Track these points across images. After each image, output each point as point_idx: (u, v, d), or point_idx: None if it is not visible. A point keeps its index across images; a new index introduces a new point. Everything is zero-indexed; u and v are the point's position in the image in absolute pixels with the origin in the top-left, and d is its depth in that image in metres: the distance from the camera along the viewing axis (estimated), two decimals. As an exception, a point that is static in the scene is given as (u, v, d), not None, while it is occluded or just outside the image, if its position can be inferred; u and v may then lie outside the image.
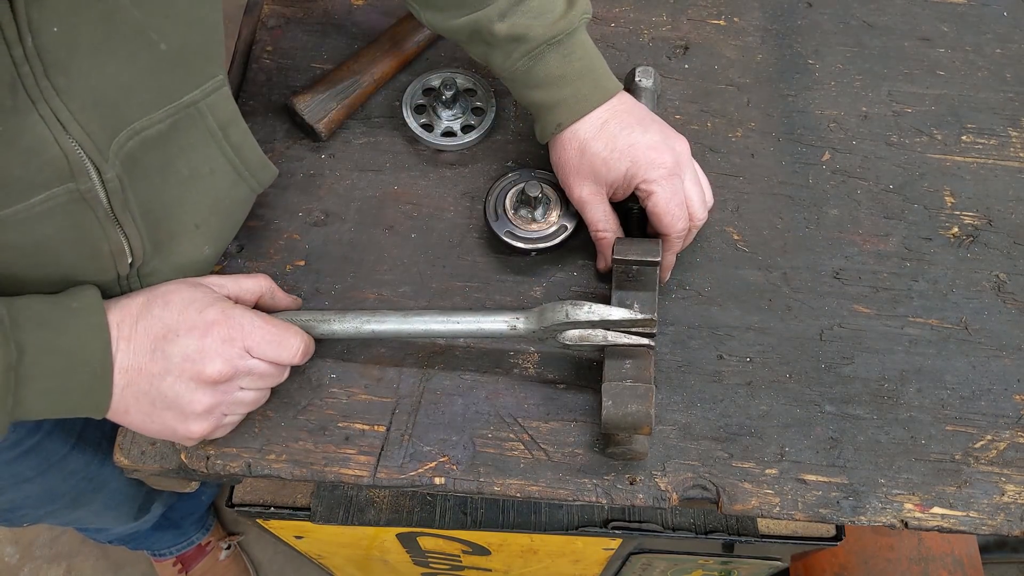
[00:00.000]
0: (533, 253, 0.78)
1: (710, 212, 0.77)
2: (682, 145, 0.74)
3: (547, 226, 0.78)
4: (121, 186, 0.61)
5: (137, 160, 0.61)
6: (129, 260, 0.65)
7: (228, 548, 1.69)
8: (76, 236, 0.61)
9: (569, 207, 0.78)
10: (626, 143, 0.72)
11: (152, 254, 0.67)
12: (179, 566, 1.65)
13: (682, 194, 0.73)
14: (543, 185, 0.78)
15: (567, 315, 0.68)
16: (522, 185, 0.78)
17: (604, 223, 0.76)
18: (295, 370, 0.74)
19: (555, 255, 0.80)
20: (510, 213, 0.78)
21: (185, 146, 0.65)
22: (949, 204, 0.85)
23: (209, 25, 0.63)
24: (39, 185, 0.56)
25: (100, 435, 1.02)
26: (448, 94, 0.84)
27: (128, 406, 0.62)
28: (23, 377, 0.57)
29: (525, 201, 0.77)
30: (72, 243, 0.61)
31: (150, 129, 0.61)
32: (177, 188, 0.66)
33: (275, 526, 0.95)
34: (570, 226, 0.78)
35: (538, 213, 0.77)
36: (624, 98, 0.75)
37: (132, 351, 0.61)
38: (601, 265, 0.79)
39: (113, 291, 0.68)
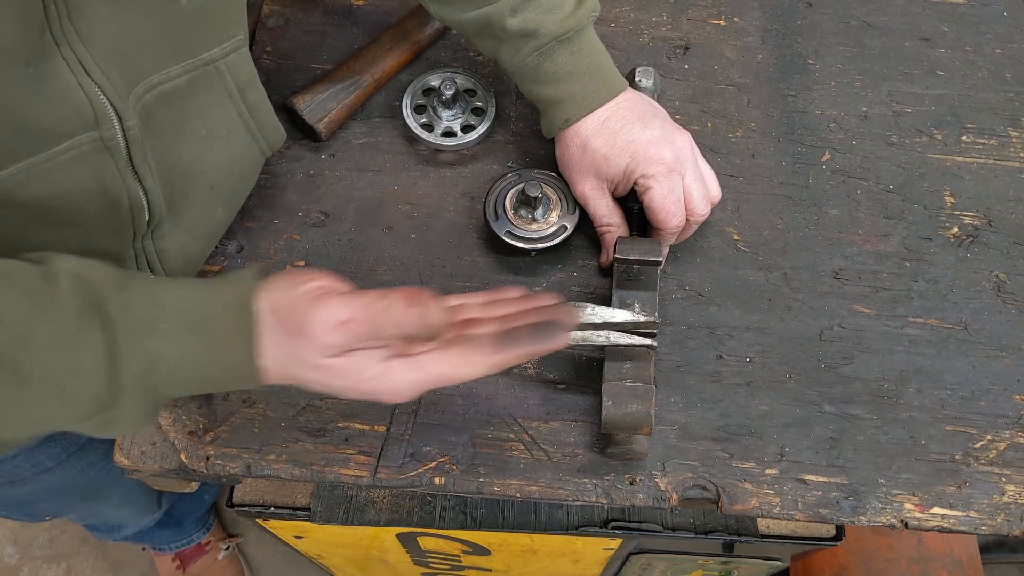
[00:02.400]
0: (533, 253, 0.78)
1: (712, 209, 0.77)
2: (683, 140, 0.75)
3: (547, 226, 0.78)
4: (141, 137, 0.60)
5: (153, 114, 0.61)
6: (147, 217, 0.65)
7: (227, 549, 1.69)
8: (97, 188, 0.60)
9: (569, 207, 0.78)
10: (626, 139, 0.73)
11: (166, 215, 0.66)
12: (177, 562, 1.66)
13: (679, 190, 0.73)
14: (543, 185, 0.78)
15: (568, 316, 0.68)
16: (522, 185, 0.78)
17: (608, 217, 0.77)
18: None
19: (555, 255, 0.80)
20: (510, 213, 0.78)
21: (203, 105, 0.65)
22: (949, 204, 0.85)
23: None
24: (65, 133, 0.55)
25: None
26: (448, 94, 0.84)
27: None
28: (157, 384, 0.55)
29: (525, 201, 0.77)
30: (93, 196, 0.60)
31: (167, 84, 0.61)
32: (194, 147, 0.66)
33: (275, 526, 0.95)
34: (570, 226, 0.78)
35: (538, 213, 0.77)
36: (628, 95, 0.76)
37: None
38: (604, 260, 0.79)
39: (127, 255, 0.67)
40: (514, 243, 0.77)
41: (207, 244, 0.74)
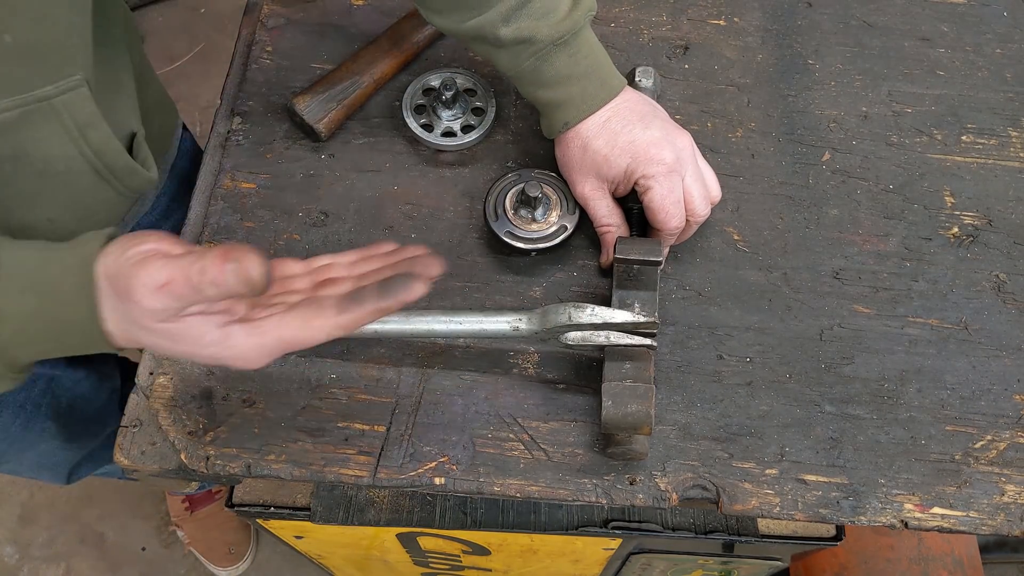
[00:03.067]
0: (533, 253, 0.78)
1: (712, 210, 0.77)
2: (684, 141, 0.75)
3: (547, 226, 0.78)
4: None
5: None
6: None
7: None
8: None
9: (569, 207, 0.78)
10: (627, 140, 0.73)
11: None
12: (187, 504, 1.72)
13: (679, 191, 0.73)
14: (543, 185, 0.78)
15: (570, 317, 0.68)
16: (522, 185, 0.78)
17: (608, 218, 0.77)
18: (295, 370, 0.74)
19: (555, 255, 0.80)
20: (510, 213, 0.78)
21: (38, 139, 0.65)
22: (949, 204, 0.85)
23: (63, 24, 0.62)
24: None
25: (21, 399, 0.99)
26: (448, 94, 0.84)
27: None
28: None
29: (525, 201, 0.77)
30: None
31: None
32: (30, 180, 0.66)
33: (275, 526, 0.95)
34: (570, 226, 0.78)
35: (538, 213, 0.77)
36: (628, 94, 0.76)
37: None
38: (604, 260, 0.79)
39: None
40: (514, 243, 0.77)
41: None
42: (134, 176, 0.73)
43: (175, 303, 0.51)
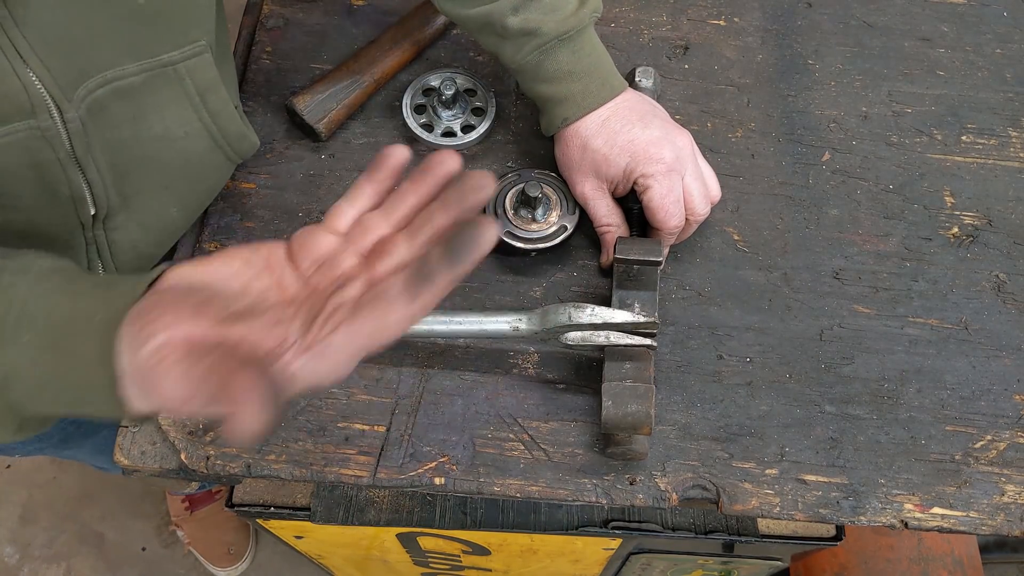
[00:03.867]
0: (533, 253, 0.78)
1: (712, 209, 0.77)
2: (684, 140, 0.75)
3: (547, 226, 0.78)
4: (84, 129, 0.60)
5: (105, 107, 0.61)
6: (92, 211, 0.64)
7: None
8: (35, 175, 0.60)
9: (569, 207, 0.78)
10: (626, 139, 0.73)
11: (119, 207, 0.67)
12: (187, 503, 1.72)
13: (679, 190, 0.73)
14: (543, 186, 0.78)
15: (570, 317, 0.68)
16: (522, 185, 0.78)
17: (607, 217, 0.77)
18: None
19: (555, 255, 0.80)
20: (510, 213, 0.78)
21: (160, 104, 0.65)
22: (949, 204, 0.85)
23: None
24: None
25: None
26: (448, 94, 0.84)
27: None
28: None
29: (525, 202, 0.77)
30: (31, 182, 0.60)
31: (122, 80, 0.61)
32: (148, 144, 0.66)
33: (275, 526, 0.95)
34: (570, 226, 0.78)
35: (538, 213, 0.77)
36: (628, 95, 0.76)
37: None
38: (604, 260, 0.79)
39: (78, 242, 0.67)
40: (514, 243, 0.77)
41: (160, 242, 0.74)
42: (243, 141, 0.74)
43: (211, 371, 0.41)
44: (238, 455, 0.71)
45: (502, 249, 0.79)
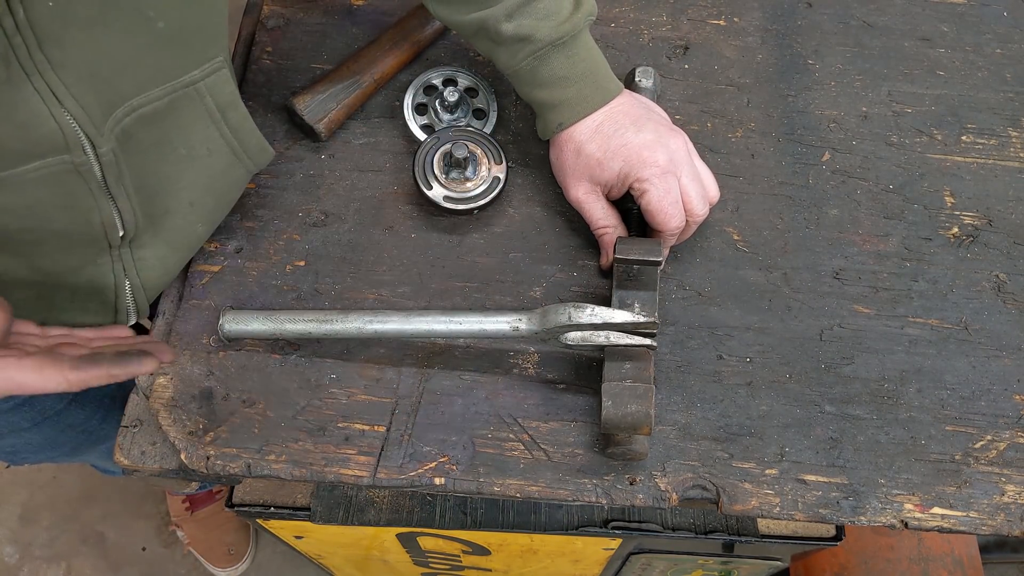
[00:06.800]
0: (475, 212, 0.78)
1: (711, 210, 0.77)
2: (678, 142, 0.74)
3: (480, 183, 0.78)
4: (116, 160, 0.61)
5: (133, 135, 0.62)
6: (120, 233, 0.66)
7: None
8: (68, 204, 0.61)
9: (495, 156, 0.79)
10: (619, 143, 0.73)
11: (145, 227, 0.68)
12: (187, 504, 1.73)
13: (676, 192, 0.73)
14: (466, 144, 0.77)
15: (570, 317, 0.68)
16: (447, 147, 0.78)
17: (604, 219, 0.76)
18: (295, 370, 0.74)
19: (555, 255, 0.80)
20: (442, 178, 0.78)
21: (183, 125, 0.66)
22: (949, 204, 0.85)
23: (208, 5, 0.63)
24: (34, 155, 0.56)
25: (101, 394, 1.02)
26: (452, 100, 0.84)
27: None
28: None
29: (455, 163, 0.77)
30: (64, 209, 0.61)
31: (147, 107, 0.61)
32: (173, 165, 0.67)
33: (275, 526, 0.95)
34: (502, 176, 0.78)
35: (469, 172, 0.77)
36: (623, 99, 0.76)
37: None
38: (604, 261, 0.79)
39: (104, 261, 0.68)
40: (455, 207, 0.77)
41: (185, 256, 0.76)
42: (263, 153, 0.75)
43: None
44: (238, 455, 0.71)
45: (443, 213, 0.79)
